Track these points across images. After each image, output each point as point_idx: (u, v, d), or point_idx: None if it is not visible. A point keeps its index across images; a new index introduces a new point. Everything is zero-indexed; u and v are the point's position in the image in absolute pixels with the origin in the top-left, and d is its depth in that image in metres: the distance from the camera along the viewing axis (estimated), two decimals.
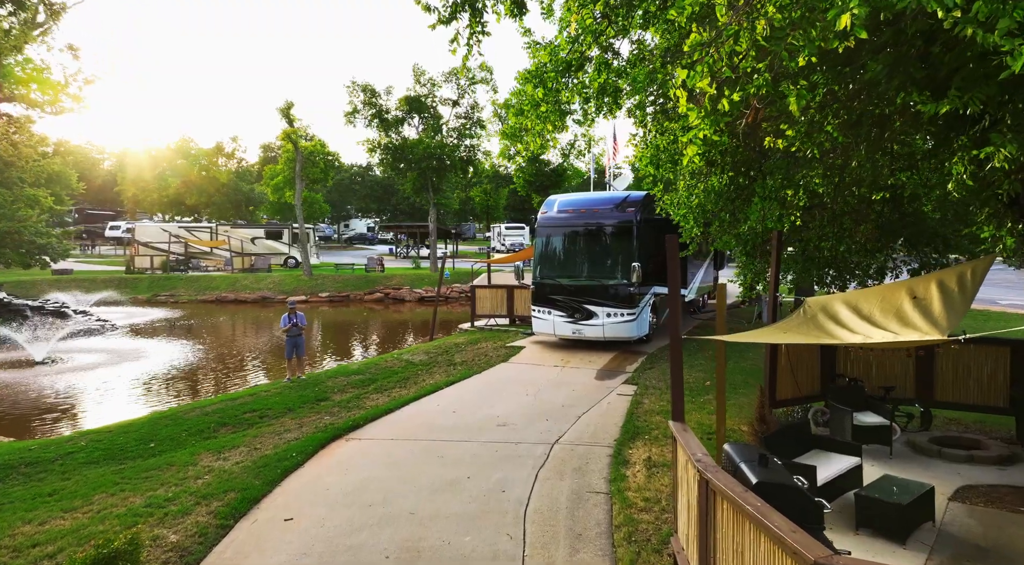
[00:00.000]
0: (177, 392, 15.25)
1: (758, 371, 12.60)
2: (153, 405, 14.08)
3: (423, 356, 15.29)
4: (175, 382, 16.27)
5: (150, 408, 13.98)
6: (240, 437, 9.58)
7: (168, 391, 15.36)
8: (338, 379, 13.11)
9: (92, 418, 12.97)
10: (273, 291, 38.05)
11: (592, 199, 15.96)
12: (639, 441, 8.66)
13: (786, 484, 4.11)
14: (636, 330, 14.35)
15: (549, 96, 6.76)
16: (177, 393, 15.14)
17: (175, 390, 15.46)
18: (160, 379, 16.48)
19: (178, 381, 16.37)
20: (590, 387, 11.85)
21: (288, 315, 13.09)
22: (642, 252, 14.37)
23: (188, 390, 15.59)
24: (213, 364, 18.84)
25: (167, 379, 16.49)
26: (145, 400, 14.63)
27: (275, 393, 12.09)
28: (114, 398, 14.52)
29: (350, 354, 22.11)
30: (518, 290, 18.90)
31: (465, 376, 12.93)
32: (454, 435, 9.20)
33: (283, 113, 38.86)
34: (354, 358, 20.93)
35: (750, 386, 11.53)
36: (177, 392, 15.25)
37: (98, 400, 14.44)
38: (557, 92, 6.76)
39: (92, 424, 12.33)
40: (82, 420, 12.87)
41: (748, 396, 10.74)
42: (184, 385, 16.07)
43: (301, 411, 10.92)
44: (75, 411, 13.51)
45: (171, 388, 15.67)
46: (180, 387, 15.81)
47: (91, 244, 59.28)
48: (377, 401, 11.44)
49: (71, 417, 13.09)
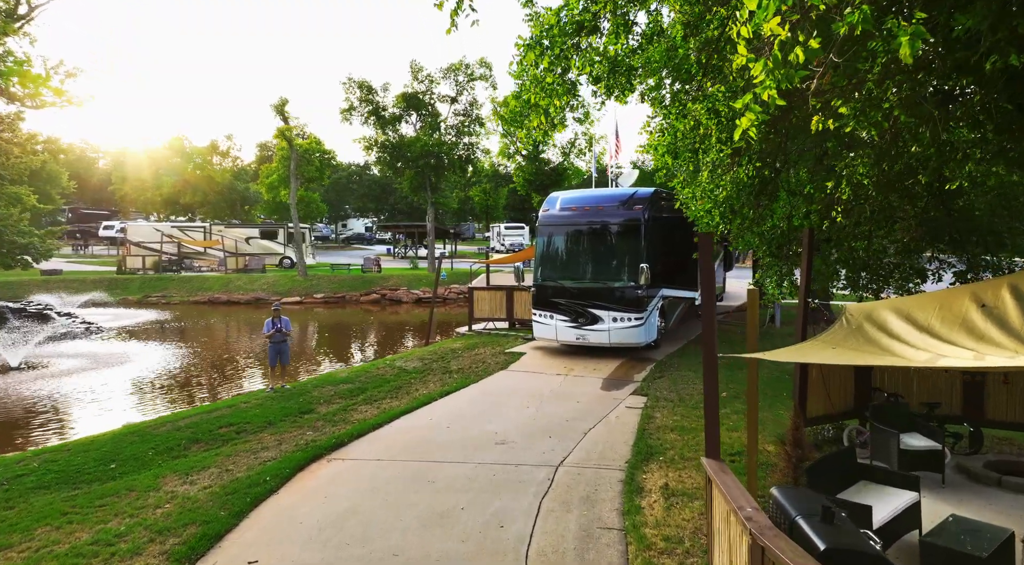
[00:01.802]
0: (153, 402, 14.33)
1: (778, 379, 11.72)
2: (125, 416, 13.18)
3: (417, 363, 14.39)
4: (153, 390, 15.35)
5: (122, 420, 13.08)
6: (212, 456, 8.68)
7: (144, 400, 14.44)
8: (325, 388, 12.21)
9: (56, 432, 12.05)
10: (267, 292, 37.14)
11: (597, 196, 15.06)
12: (653, 463, 7.75)
13: (862, 551, 3.21)
14: (644, 336, 13.45)
15: (556, 64, 5.85)
16: (153, 403, 14.22)
17: (151, 399, 14.54)
18: (138, 387, 15.56)
19: (156, 389, 15.46)
20: (596, 399, 10.95)
21: (272, 320, 12.18)
22: (650, 252, 13.47)
23: (165, 399, 14.67)
24: (196, 370, 17.93)
25: (145, 387, 15.57)
26: (118, 410, 13.72)
27: (256, 405, 11.18)
28: (85, 409, 13.60)
29: (343, 358, 21.21)
30: (518, 292, 18.01)
31: (461, 386, 12.03)
32: (447, 454, 8.30)
33: (277, 110, 37.93)
34: (347, 363, 20.03)
35: (769, 396, 10.64)
36: (153, 402, 14.33)
37: (68, 411, 13.52)
38: (565, 59, 5.85)
39: (55, 439, 11.44)
40: (44, 434, 11.93)
41: (770, 409, 9.85)
42: (162, 394, 15.16)
43: (282, 425, 10.02)
44: (40, 423, 12.57)
45: (148, 397, 14.75)
46: (157, 396, 14.89)
47: (84, 244, 58.30)
48: (365, 414, 10.54)
49: (34, 430, 12.15)
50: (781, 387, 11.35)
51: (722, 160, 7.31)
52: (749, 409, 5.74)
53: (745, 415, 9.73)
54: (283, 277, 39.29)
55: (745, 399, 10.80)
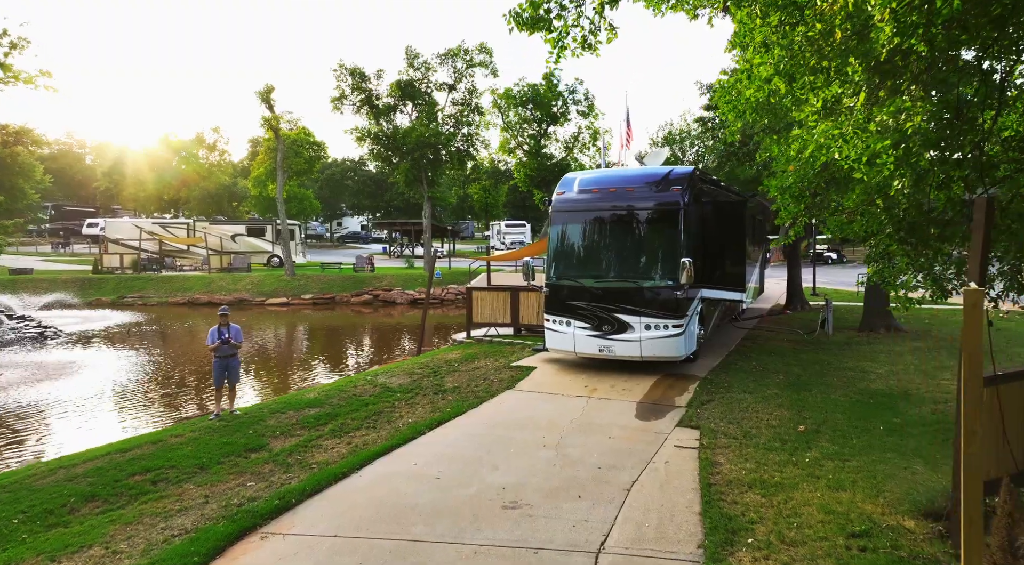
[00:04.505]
0: (77, 429, 11.75)
1: (878, 406, 9.06)
2: (33, 450, 10.67)
3: (404, 378, 11.84)
4: (84, 413, 12.79)
5: (32, 453, 10.54)
6: (104, 524, 6.14)
7: (65, 427, 11.86)
8: (285, 415, 9.66)
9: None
10: (251, 293, 34.64)
11: (624, 175, 12.51)
12: (742, 549, 5.19)
13: None
14: (684, 347, 10.88)
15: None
16: (76, 430, 11.65)
17: (76, 426, 11.96)
18: (67, 407, 13.01)
19: (88, 412, 12.88)
20: (633, 432, 8.40)
21: (218, 328, 9.64)
22: (691, 244, 10.91)
23: (94, 423, 12.11)
24: (147, 385, 15.36)
25: (75, 408, 13.00)
26: (34, 439, 11.20)
27: (190, 439, 8.63)
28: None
29: (322, 368, 18.64)
30: (524, 293, 15.47)
31: (457, 412, 9.48)
32: (435, 528, 5.75)
33: (262, 97, 35.39)
34: (328, 372, 17.47)
35: (866, 432, 8.08)
36: (77, 429, 11.75)
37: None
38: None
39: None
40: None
41: (894, 454, 7.25)
42: (92, 417, 12.59)
43: (217, 470, 7.48)
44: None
45: (73, 422, 12.19)
46: (86, 420, 12.31)
47: (65, 243, 55.72)
48: (331, 453, 7.99)
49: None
50: (875, 415, 8.78)
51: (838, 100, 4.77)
52: (961, 472, 3.18)
53: (843, 462, 6.98)
54: (269, 277, 36.75)
55: (835, 435, 7.99)
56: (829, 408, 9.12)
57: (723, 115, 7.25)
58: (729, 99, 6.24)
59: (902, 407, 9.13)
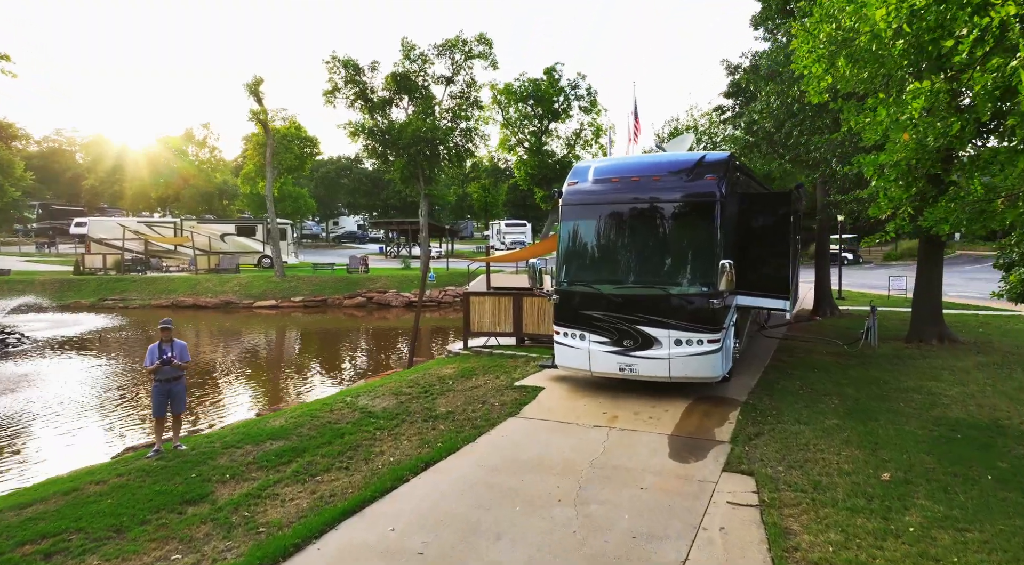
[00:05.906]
0: (5, 461, 10.02)
1: (957, 441, 7.22)
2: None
3: (390, 400, 10.11)
4: (12, 438, 11.06)
5: None
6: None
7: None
8: (241, 450, 7.91)
9: None
10: (239, 295, 32.85)
11: (647, 162, 10.75)
12: None
13: None
14: (721, 366, 9.12)
15: None
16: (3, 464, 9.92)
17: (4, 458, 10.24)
18: (5, 432, 11.29)
19: (17, 437, 11.16)
20: (670, 480, 6.65)
21: (159, 345, 7.90)
22: (728, 243, 9.17)
23: (10, 462, 10.38)
24: (103, 404, 13.60)
25: (14, 434, 11.27)
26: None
27: (115, 485, 6.88)
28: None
29: (306, 377, 16.90)
30: (528, 299, 13.74)
31: (449, 449, 7.73)
32: None
33: (251, 90, 33.63)
34: (303, 389, 15.72)
35: (994, 486, 6.31)
36: (5, 461, 10.02)
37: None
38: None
39: None
40: None
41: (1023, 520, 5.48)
42: (19, 446, 10.87)
43: (137, 536, 5.74)
44: None
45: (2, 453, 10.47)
46: (4, 457, 10.59)
47: (51, 243, 53.90)
48: (287, 508, 6.26)
49: None
50: (971, 456, 6.99)
51: None
52: None
53: (961, 532, 5.00)
54: (258, 278, 34.97)
55: (932, 487, 5.80)
56: (909, 446, 7.38)
57: (803, 68, 5.56)
58: (813, 46, 4.56)
59: (1001, 445, 7.38)
